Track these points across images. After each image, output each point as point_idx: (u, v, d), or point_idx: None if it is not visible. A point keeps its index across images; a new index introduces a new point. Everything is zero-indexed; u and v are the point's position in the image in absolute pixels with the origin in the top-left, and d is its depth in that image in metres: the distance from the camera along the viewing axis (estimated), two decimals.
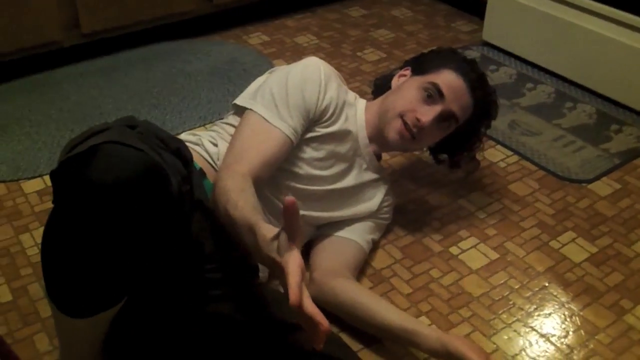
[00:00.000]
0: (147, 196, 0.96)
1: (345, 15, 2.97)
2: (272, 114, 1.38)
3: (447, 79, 1.52)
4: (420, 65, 1.60)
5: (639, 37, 2.20)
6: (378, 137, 1.56)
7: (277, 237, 1.01)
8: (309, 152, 1.47)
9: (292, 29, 2.84)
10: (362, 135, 1.56)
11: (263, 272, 1.39)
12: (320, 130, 1.46)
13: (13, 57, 2.31)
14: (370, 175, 1.60)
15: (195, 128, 2.14)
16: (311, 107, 1.42)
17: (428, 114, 1.50)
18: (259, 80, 1.51)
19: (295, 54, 2.63)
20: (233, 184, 1.20)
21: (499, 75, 2.50)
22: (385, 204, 1.65)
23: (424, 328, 1.32)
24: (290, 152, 1.43)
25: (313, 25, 2.89)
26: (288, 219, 0.97)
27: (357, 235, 1.59)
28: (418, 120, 1.49)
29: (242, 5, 2.78)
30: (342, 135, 1.51)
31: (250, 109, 1.40)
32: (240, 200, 1.15)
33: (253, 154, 1.32)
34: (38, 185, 1.88)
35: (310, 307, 0.94)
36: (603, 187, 1.95)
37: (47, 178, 1.90)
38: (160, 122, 2.15)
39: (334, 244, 1.57)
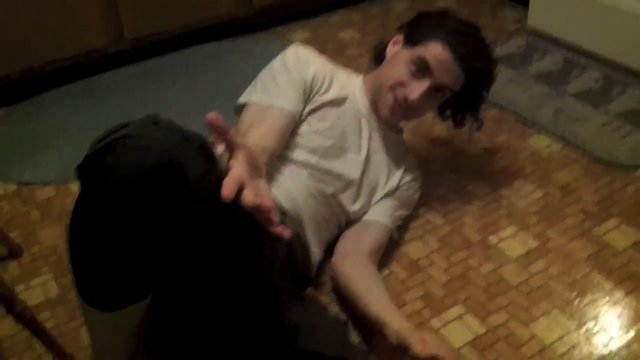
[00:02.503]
0: (163, 188, 0.96)
1: (389, 9, 2.97)
2: (265, 96, 1.45)
3: (435, 52, 1.50)
4: (411, 34, 1.58)
5: None
6: (376, 106, 1.61)
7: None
8: (315, 124, 1.52)
9: (335, 25, 2.85)
10: (363, 103, 1.60)
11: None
12: (319, 99, 1.52)
13: (61, 65, 2.39)
14: (385, 147, 1.62)
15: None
16: (300, 78, 1.48)
17: (416, 90, 1.51)
18: None
19: (338, 50, 2.64)
20: None
21: (544, 63, 2.45)
22: (408, 178, 1.66)
23: (393, 321, 1.28)
24: (300, 127, 1.49)
25: (356, 20, 2.89)
26: (217, 134, 0.96)
27: (381, 214, 1.60)
28: (407, 96, 1.51)
29: (284, 4, 2.80)
30: (341, 102, 1.55)
31: (247, 102, 1.47)
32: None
33: (253, 133, 1.36)
34: None
35: (248, 196, 0.90)
36: None
37: None
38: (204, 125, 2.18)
39: (356, 227, 1.59)
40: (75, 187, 1.94)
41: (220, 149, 1.38)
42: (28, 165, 2.04)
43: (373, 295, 1.39)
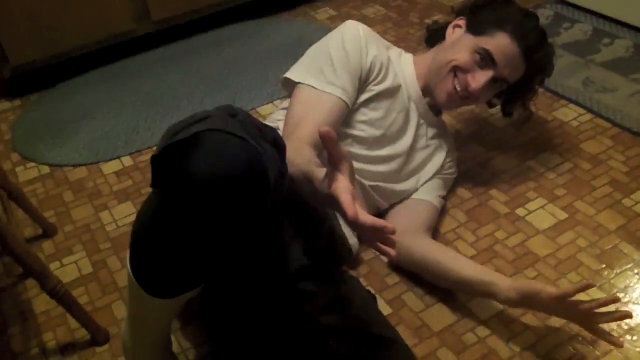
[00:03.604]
0: (246, 192, 0.91)
1: None
2: (320, 81, 1.40)
3: (501, 44, 1.49)
4: (475, 21, 1.54)
5: None
6: (431, 90, 1.57)
7: (327, 174, 1.01)
8: (367, 114, 1.49)
9: (359, 1, 2.84)
10: (414, 89, 1.56)
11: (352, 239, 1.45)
12: (374, 89, 1.47)
13: (90, 50, 2.42)
14: (429, 131, 1.61)
15: (263, 105, 2.19)
16: (357, 66, 1.43)
17: (479, 79, 1.49)
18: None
19: None
20: (289, 148, 1.21)
21: (573, 33, 2.41)
22: (449, 159, 1.66)
23: (499, 279, 1.33)
24: (351, 117, 1.45)
25: None
26: (328, 149, 0.96)
27: (428, 194, 1.60)
28: (468, 84, 1.49)
29: None
30: (395, 91, 1.51)
31: (299, 83, 1.42)
32: (296, 158, 1.15)
33: (308, 122, 1.33)
34: (116, 167, 1.98)
35: (367, 218, 0.93)
36: None
37: (124, 159, 2.00)
38: (231, 101, 2.22)
39: (407, 206, 1.59)
40: (106, 167, 1.98)
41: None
42: (60, 148, 2.08)
43: (462, 261, 1.41)
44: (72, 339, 1.47)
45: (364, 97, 1.48)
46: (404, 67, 1.57)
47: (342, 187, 0.94)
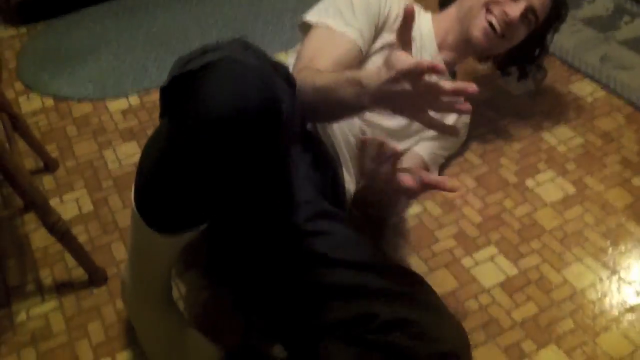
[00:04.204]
0: (260, 123, 0.87)
1: None
2: (337, 22, 1.35)
3: None
4: None
5: None
6: (454, 44, 1.54)
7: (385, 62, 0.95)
8: (377, 63, 1.43)
9: None
10: (430, 43, 1.53)
11: None
12: (389, 37, 1.43)
13: None
14: None
15: (278, 53, 2.14)
16: (376, 11, 1.40)
17: (515, 9, 1.46)
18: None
19: None
20: (308, 70, 1.18)
21: (595, 7, 2.36)
22: (459, 122, 1.63)
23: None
24: (362, 65, 1.41)
25: None
26: (405, 25, 0.94)
27: (421, 148, 1.55)
28: (506, 14, 1.45)
29: None
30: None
31: (316, 23, 1.38)
32: (322, 72, 1.12)
33: (323, 58, 1.29)
34: (122, 105, 1.94)
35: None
36: None
37: (131, 98, 1.96)
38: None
39: None
40: (112, 104, 1.94)
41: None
42: (65, 80, 2.04)
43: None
44: (69, 277, 1.45)
45: (377, 45, 1.44)
46: (421, 22, 1.54)
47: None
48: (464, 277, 1.43)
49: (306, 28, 1.42)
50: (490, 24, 1.47)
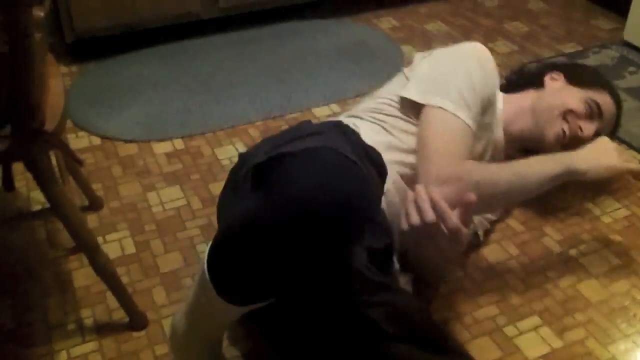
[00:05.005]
0: (349, 216, 0.87)
1: (479, 5, 2.91)
2: (463, 110, 1.36)
3: (607, 102, 1.60)
4: (574, 75, 1.62)
5: None
6: (519, 134, 1.57)
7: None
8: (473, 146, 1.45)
9: (423, 15, 2.81)
10: (498, 128, 1.55)
11: None
12: (483, 119, 1.46)
13: (155, 25, 2.42)
14: None
15: (319, 107, 2.16)
16: (486, 94, 1.42)
17: (589, 128, 1.55)
18: (418, 66, 1.49)
19: (424, 41, 2.60)
20: (469, 165, 1.27)
21: (638, 77, 2.37)
22: None
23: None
24: None
25: (444, 12, 2.84)
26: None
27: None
28: (581, 130, 1.53)
29: None
30: (490, 127, 1.51)
31: (439, 107, 1.36)
32: (499, 165, 1.28)
33: (459, 152, 1.32)
34: (167, 148, 1.96)
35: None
36: None
37: (176, 142, 1.98)
38: (286, 98, 2.19)
39: None
40: (157, 147, 1.96)
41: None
42: (113, 121, 2.06)
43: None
44: (109, 319, 1.44)
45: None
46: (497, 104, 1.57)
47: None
48: (507, 347, 1.40)
49: (410, 104, 1.41)
50: (563, 131, 1.54)
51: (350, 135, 0.99)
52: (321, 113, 2.13)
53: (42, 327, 1.42)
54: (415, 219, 1.10)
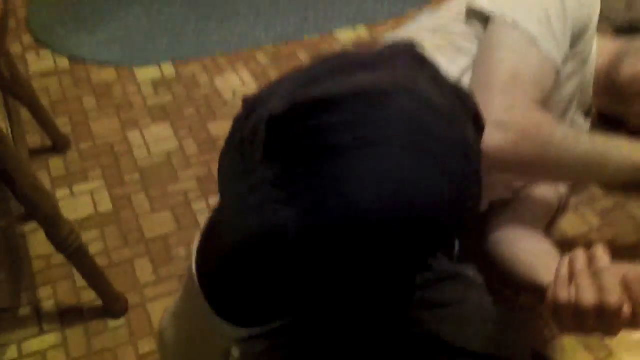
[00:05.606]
0: (419, 239, 0.58)
1: None
2: (546, 37, 1.06)
3: None
4: None
5: None
6: (610, 83, 1.24)
7: None
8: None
9: None
10: (591, 75, 1.23)
11: None
12: (576, 53, 1.14)
13: None
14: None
15: (343, 28, 1.87)
16: (585, 20, 1.11)
17: None
18: None
19: None
20: (542, 116, 0.98)
21: None
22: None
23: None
24: None
25: None
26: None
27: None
28: None
29: None
30: (582, 65, 1.19)
31: (517, 25, 1.06)
32: (570, 132, 0.99)
33: (526, 86, 1.02)
34: (154, 74, 1.71)
35: None
36: None
37: (165, 67, 1.73)
38: (302, 17, 1.94)
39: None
40: (141, 73, 1.70)
41: None
42: (86, 37, 1.82)
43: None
44: (76, 302, 1.20)
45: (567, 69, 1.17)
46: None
47: None
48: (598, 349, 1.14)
49: (477, 14, 1.11)
50: None
51: (427, 64, 0.62)
52: (346, 36, 1.85)
53: None
54: (588, 297, 0.76)
